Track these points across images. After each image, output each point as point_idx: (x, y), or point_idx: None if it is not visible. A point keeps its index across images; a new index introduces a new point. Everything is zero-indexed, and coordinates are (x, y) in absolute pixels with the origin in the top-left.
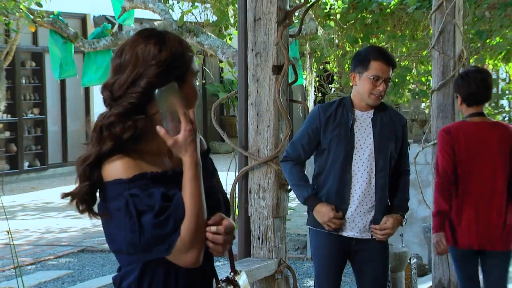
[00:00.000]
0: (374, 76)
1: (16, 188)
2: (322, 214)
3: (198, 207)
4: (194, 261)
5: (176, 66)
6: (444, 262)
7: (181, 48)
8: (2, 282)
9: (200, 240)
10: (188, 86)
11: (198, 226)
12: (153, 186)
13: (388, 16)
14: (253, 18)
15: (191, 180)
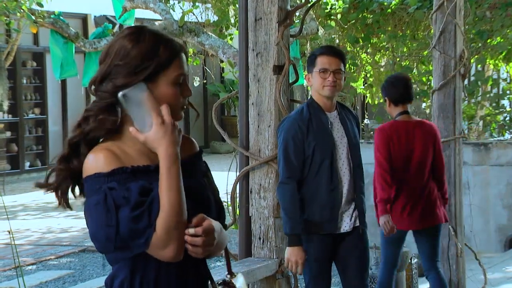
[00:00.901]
0: (321, 69)
1: (17, 188)
2: (298, 255)
3: (173, 202)
4: (172, 256)
5: (145, 67)
6: (445, 261)
7: (154, 47)
8: (3, 282)
9: (177, 236)
10: (160, 87)
11: (173, 221)
12: (133, 180)
13: (389, 16)
14: (254, 18)
15: (165, 175)
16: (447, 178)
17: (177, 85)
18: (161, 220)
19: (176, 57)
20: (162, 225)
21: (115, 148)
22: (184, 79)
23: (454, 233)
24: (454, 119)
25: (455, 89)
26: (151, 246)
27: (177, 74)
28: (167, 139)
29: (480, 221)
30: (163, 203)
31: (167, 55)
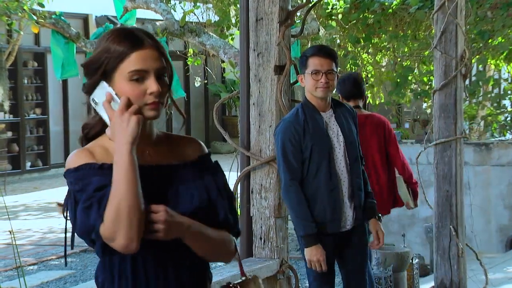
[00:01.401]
0: (313, 70)
1: (19, 188)
2: (318, 254)
3: (119, 193)
4: (123, 245)
5: (99, 65)
6: (446, 262)
7: (110, 45)
8: (4, 282)
9: (126, 225)
10: (116, 84)
11: (118, 211)
12: (96, 175)
13: (390, 16)
14: (255, 18)
15: (115, 166)
16: (448, 178)
17: (134, 81)
18: (107, 210)
19: (131, 53)
20: (108, 215)
21: (96, 146)
22: (147, 76)
23: (455, 233)
24: (455, 119)
25: (456, 89)
26: (103, 238)
27: (131, 70)
28: (118, 130)
29: (481, 221)
30: (111, 193)
31: (120, 52)
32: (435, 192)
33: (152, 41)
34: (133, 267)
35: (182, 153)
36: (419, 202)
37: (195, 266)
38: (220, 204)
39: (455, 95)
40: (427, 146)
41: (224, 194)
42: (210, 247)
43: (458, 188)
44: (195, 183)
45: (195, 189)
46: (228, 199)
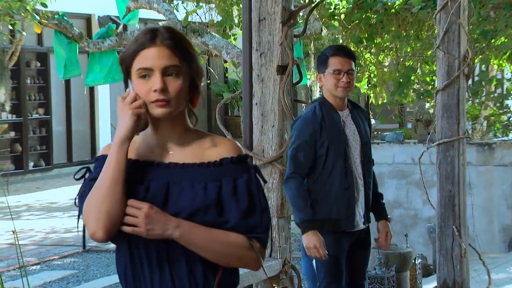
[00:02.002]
0: (335, 70)
1: (21, 188)
2: (313, 240)
3: (98, 183)
4: (90, 234)
5: (122, 64)
6: (449, 262)
7: (131, 43)
8: (7, 282)
9: (93, 214)
10: (133, 81)
11: (91, 200)
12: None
13: (392, 16)
14: (257, 18)
15: (107, 158)
16: (451, 178)
17: (141, 78)
18: (87, 198)
19: (139, 51)
20: (86, 202)
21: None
22: (151, 74)
23: (458, 234)
24: (458, 119)
25: (459, 89)
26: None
27: (137, 68)
28: (118, 123)
29: (484, 221)
30: (96, 183)
31: (133, 50)
32: (437, 192)
33: (168, 40)
34: (131, 257)
35: (205, 153)
36: (421, 202)
37: (193, 263)
38: (232, 208)
39: (457, 95)
40: (429, 146)
41: (243, 198)
42: (212, 251)
43: (460, 188)
44: (207, 184)
45: (202, 189)
46: (248, 203)
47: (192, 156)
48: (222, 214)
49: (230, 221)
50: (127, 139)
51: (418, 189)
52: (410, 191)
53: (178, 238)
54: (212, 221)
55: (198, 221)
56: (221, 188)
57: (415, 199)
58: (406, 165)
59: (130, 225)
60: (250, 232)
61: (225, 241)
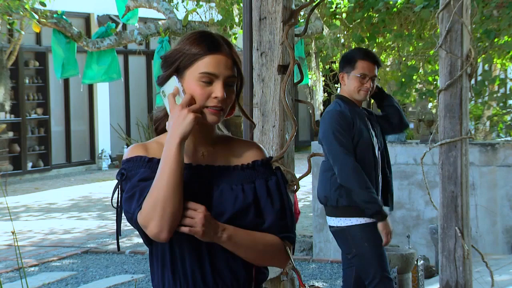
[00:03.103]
0: (361, 74)
1: (20, 189)
2: (389, 226)
3: (161, 182)
4: (153, 234)
5: (174, 60)
6: (451, 263)
7: (188, 45)
8: (6, 283)
9: (160, 213)
10: (186, 81)
11: (155, 200)
12: (143, 167)
13: (394, 15)
14: (258, 17)
15: (162, 156)
16: (454, 178)
17: (202, 83)
18: (146, 199)
19: (206, 55)
20: (146, 203)
21: (153, 142)
22: (215, 80)
23: (460, 235)
24: (461, 119)
25: (461, 89)
26: (140, 224)
27: (202, 71)
28: (174, 123)
29: (487, 222)
30: (153, 182)
31: (195, 52)
32: (440, 193)
33: (229, 49)
34: (171, 254)
35: (237, 156)
36: (424, 203)
37: (233, 257)
38: (268, 209)
39: (460, 95)
40: (432, 147)
41: (276, 199)
42: (251, 252)
43: (463, 189)
44: (243, 186)
45: (241, 191)
46: (280, 204)
47: (223, 159)
48: (259, 215)
49: (266, 221)
50: (185, 139)
51: (421, 189)
52: (412, 191)
53: (225, 241)
54: (252, 222)
55: (239, 223)
56: (256, 189)
57: (417, 200)
58: (408, 165)
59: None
60: (283, 232)
61: (264, 242)
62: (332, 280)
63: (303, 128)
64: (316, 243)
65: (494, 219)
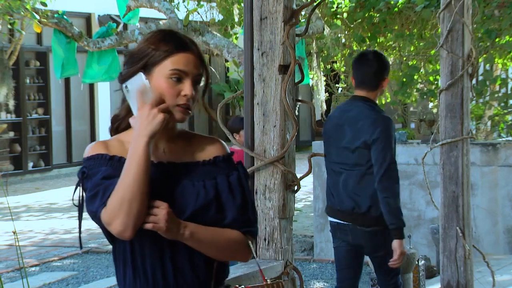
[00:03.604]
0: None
1: (20, 189)
2: (403, 246)
3: (128, 181)
4: (118, 232)
5: (142, 57)
6: (452, 263)
7: (156, 42)
8: (7, 283)
9: (125, 211)
10: (154, 78)
11: (121, 198)
12: (105, 166)
13: (395, 15)
14: (259, 17)
15: (129, 154)
16: (455, 178)
17: (172, 80)
18: (111, 196)
19: (176, 53)
20: (111, 200)
21: (114, 140)
22: (184, 78)
23: (462, 235)
24: (462, 119)
25: (463, 88)
26: (103, 221)
27: (171, 69)
28: (139, 122)
29: (488, 222)
30: (119, 180)
31: (165, 49)
32: (441, 193)
33: (196, 48)
34: (132, 252)
35: (198, 152)
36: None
37: (194, 254)
38: (230, 204)
39: (461, 95)
40: (433, 147)
41: (237, 195)
42: (213, 248)
43: (464, 189)
44: (205, 182)
45: (202, 188)
46: (242, 199)
47: (185, 155)
48: (220, 211)
49: (228, 217)
50: (153, 138)
51: (421, 189)
52: (413, 191)
53: (187, 238)
54: (213, 218)
55: (200, 219)
56: (217, 185)
57: (418, 200)
58: (409, 165)
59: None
60: (244, 226)
61: (226, 238)
62: (333, 280)
63: (304, 128)
64: (317, 243)
65: (495, 219)
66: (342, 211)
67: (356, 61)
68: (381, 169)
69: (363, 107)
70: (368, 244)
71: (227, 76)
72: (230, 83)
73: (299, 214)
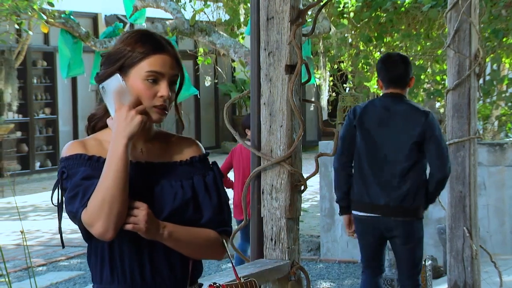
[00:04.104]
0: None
1: (27, 189)
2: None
3: (108, 182)
4: (99, 233)
5: (118, 58)
6: (459, 263)
7: (132, 44)
8: (14, 283)
9: (106, 213)
10: (131, 80)
11: (102, 200)
12: (84, 166)
13: (402, 14)
14: (265, 17)
15: (108, 156)
16: (462, 178)
17: (148, 81)
18: (92, 198)
19: (152, 54)
20: (91, 202)
21: (91, 139)
22: (160, 79)
23: (469, 235)
24: (469, 119)
25: (470, 88)
26: (84, 223)
27: (148, 70)
28: (117, 124)
29: (495, 222)
30: (99, 182)
31: (142, 51)
32: (448, 193)
33: (172, 49)
34: (110, 251)
35: (175, 152)
36: None
37: (171, 252)
38: (206, 204)
39: (468, 95)
40: None
41: (213, 195)
42: (191, 247)
43: (471, 189)
44: (182, 182)
45: (180, 187)
46: (217, 198)
47: (162, 155)
48: (197, 211)
49: (204, 216)
50: (131, 139)
51: None
52: None
53: (166, 238)
54: (190, 217)
55: (178, 218)
56: (194, 185)
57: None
58: None
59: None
60: (220, 226)
61: (203, 237)
62: (339, 280)
63: (310, 128)
64: (323, 243)
65: (503, 219)
66: (384, 205)
67: (384, 63)
68: (445, 168)
69: (407, 104)
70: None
71: (234, 76)
72: (237, 83)
73: (306, 214)
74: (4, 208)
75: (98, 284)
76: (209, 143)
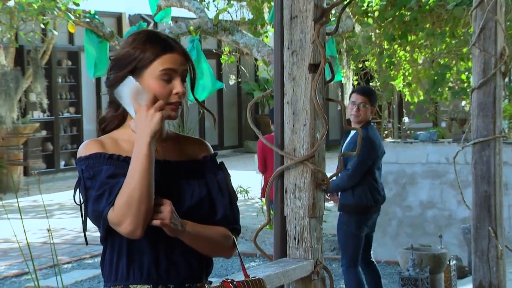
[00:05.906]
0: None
1: (53, 187)
2: None
3: (135, 181)
4: (129, 232)
5: (129, 61)
6: (484, 264)
7: (141, 45)
8: (40, 280)
9: (134, 212)
10: (145, 81)
11: (130, 198)
12: (106, 164)
13: (427, 13)
14: (289, 16)
15: (133, 157)
16: (487, 178)
17: (163, 80)
18: (119, 197)
19: (163, 54)
20: (119, 201)
21: (107, 138)
22: (174, 77)
23: (494, 235)
24: (494, 118)
25: (495, 87)
26: (111, 222)
27: (162, 69)
28: (141, 123)
29: None
30: (125, 181)
31: (153, 51)
32: (473, 192)
33: (179, 46)
34: (128, 247)
35: (188, 152)
36: (456, 202)
37: (188, 249)
38: (220, 202)
39: (494, 94)
40: (464, 146)
41: (225, 193)
42: (207, 245)
43: (497, 188)
44: (197, 180)
45: (197, 185)
46: (229, 197)
47: (176, 154)
48: (212, 209)
49: (218, 214)
50: (154, 137)
51: (453, 189)
52: (444, 191)
53: (186, 235)
54: (206, 215)
55: (194, 216)
56: (208, 183)
57: (449, 200)
58: (440, 164)
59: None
60: (231, 224)
61: (218, 234)
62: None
63: (333, 127)
64: None
65: None
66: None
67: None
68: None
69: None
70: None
71: (257, 75)
72: (260, 82)
73: (329, 214)
74: (30, 206)
75: (113, 282)
76: (232, 142)
